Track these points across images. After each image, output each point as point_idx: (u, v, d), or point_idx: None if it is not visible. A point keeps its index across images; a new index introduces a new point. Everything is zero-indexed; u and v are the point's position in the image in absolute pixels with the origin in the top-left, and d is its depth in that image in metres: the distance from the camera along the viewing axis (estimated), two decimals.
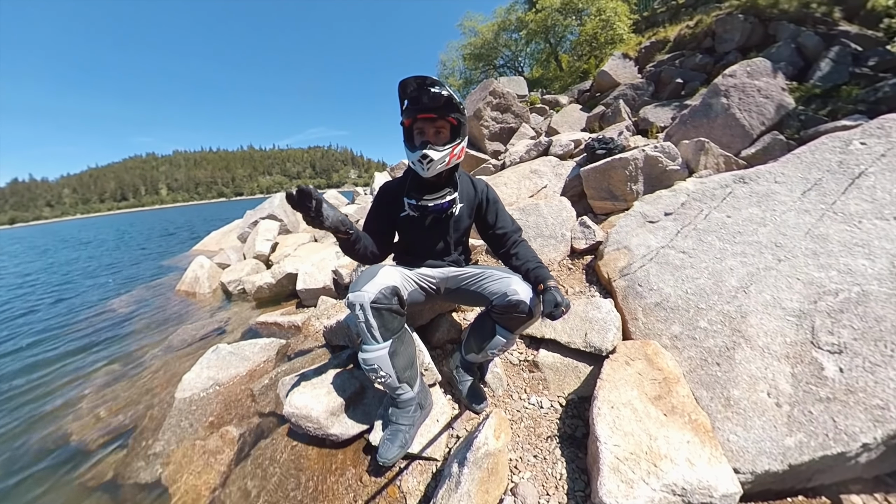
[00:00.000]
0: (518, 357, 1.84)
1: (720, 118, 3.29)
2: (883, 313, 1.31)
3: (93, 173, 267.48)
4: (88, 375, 2.71)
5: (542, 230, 2.56)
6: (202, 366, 2.26)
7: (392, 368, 1.30)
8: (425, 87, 1.25)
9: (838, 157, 1.86)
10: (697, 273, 1.76)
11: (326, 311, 2.89)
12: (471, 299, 1.58)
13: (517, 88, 7.79)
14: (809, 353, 1.33)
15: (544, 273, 1.34)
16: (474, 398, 1.58)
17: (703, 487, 1.02)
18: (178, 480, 1.59)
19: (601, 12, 9.55)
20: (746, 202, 1.95)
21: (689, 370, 1.48)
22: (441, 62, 17.84)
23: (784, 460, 1.16)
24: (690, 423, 1.22)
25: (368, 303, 1.23)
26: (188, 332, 3.20)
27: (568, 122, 5.70)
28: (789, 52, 4.54)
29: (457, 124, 1.36)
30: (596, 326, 1.70)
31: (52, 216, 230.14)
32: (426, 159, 1.29)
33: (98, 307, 4.54)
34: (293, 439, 1.63)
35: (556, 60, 12.81)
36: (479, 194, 1.55)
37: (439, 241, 1.54)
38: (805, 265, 1.56)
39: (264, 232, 5.21)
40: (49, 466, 1.82)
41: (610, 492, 1.03)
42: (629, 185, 2.78)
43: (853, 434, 1.14)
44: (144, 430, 1.98)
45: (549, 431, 1.47)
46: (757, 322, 1.48)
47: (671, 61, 6.33)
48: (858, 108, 3.17)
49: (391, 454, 1.32)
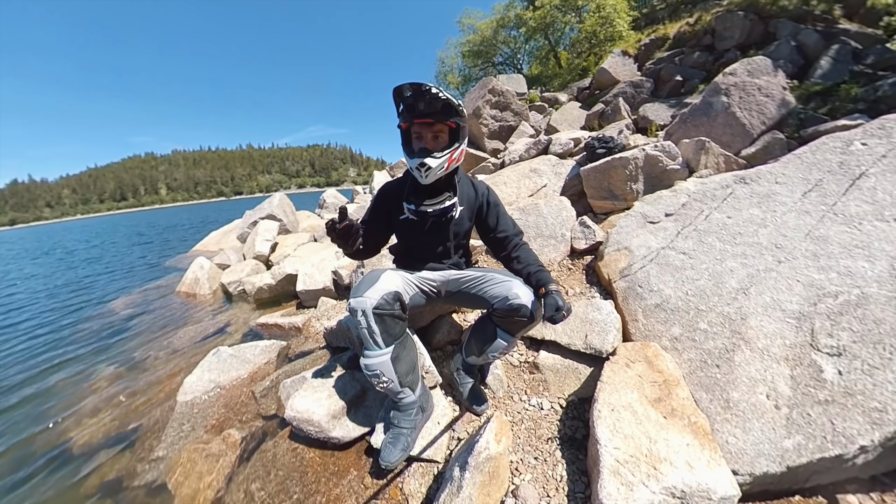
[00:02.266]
0: (518, 359, 1.84)
1: (720, 117, 3.28)
2: (882, 316, 1.32)
3: (92, 173, 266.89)
4: (90, 379, 2.72)
5: (541, 230, 2.56)
6: (203, 369, 2.27)
7: (394, 374, 1.30)
8: (421, 93, 1.23)
9: (839, 158, 1.85)
10: (698, 274, 1.76)
11: (327, 311, 2.90)
12: (472, 302, 1.58)
13: (516, 86, 7.77)
14: (809, 355, 1.34)
15: (545, 277, 1.34)
16: (475, 400, 1.59)
17: (702, 490, 1.03)
18: (181, 483, 1.60)
19: (600, 9, 9.49)
20: (747, 203, 1.95)
21: (689, 372, 1.48)
22: (440, 60, 17.77)
23: (782, 462, 1.17)
24: (690, 425, 1.22)
25: (371, 309, 1.23)
26: (189, 335, 3.21)
27: (567, 120, 5.68)
28: (789, 50, 4.52)
29: (455, 128, 1.33)
30: (596, 328, 1.71)
31: (52, 217, 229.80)
32: (424, 167, 1.28)
33: (99, 309, 4.54)
34: (295, 442, 1.63)
35: (556, 58, 12.75)
36: (480, 197, 1.53)
37: (439, 244, 1.53)
38: (805, 267, 1.56)
39: (264, 232, 5.21)
40: (52, 469, 1.83)
41: (610, 495, 1.04)
42: (629, 184, 2.78)
43: (851, 436, 1.14)
44: (147, 433, 1.99)
45: (550, 433, 1.47)
46: (757, 324, 1.48)
47: (671, 59, 6.30)
48: (858, 107, 3.16)
49: (393, 457, 1.33)
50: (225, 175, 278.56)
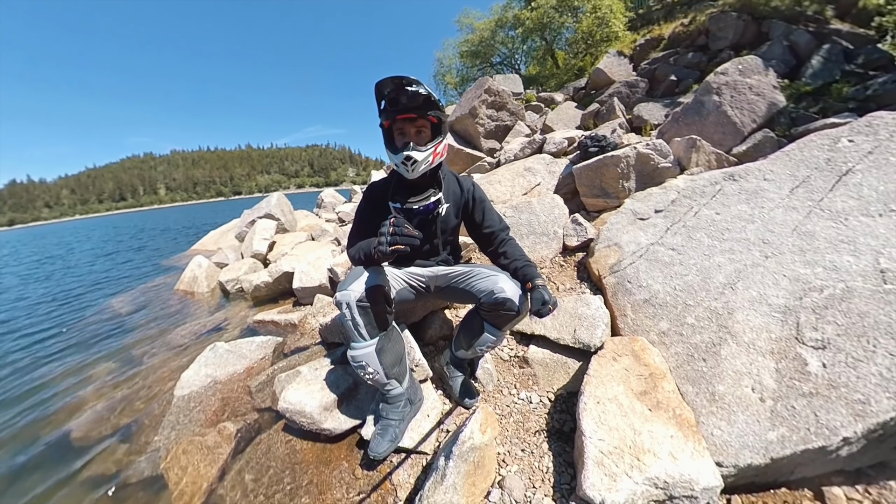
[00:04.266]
0: (508, 353, 1.86)
1: (712, 116, 3.30)
2: (866, 309, 1.33)
3: (91, 174, 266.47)
4: (89, 374, 2.73)
5: (534, 227, 2.58)
6: (200, 364, 2.28)
7: (380, 365, 1.32)
8: (403, 87, 1.23)
9: (826, 155, 1.87)
10: (686, 270, 1.78)
11: (322, 308, 2.91)
12: (460, 297, 1.59)
13: (512, 86, 7.80)
14: (794, 348, 1.35)
15: (532, 271, 1.35)
16: (465, 394, 1.61)
17: (684, 481, 1.04)
18: (177, 475, 1.61)
19: (597, 9, 9.53)
20: (735, 199, 1.97)
21: (676, 366, 1.50)
22: (437, 60, 17.80)
23: (766, 454, 1.18)
24: (675, 417, 1.24)
25: (354, 301, 1.25)
26: (187, 331, 3.23)
27: (563, 120, 5.71)
28: (781, 50, 4.56)
29: (437, 122, 1.34)
30: (585, 323, 1.73)
31: (50, 217, 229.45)
32: (410, 161, 1.29)
33: (98, 306, 4.56)
34: (288, 434, 1.65)
35: (553, 58, 12.79)
36: (466, 193, 1.54)
37: (427, 242, 1.54)
38: (791, 262, 1.58)
39: (261, 231, 5.21)
40: (50, 463, 1.84)
41: (594, 485, 1.05)
42: (621, 182, 2.80)
43: (834, 428, 1.16)
44: (144, 426, 2.00)
45: (538, 426, 1.49)
46: (743, 318, 1.50)
47: (665, 59, 6.33)
48: (849, 106, 3.19)
49: (382, 448, 1.35)
50: (224, 175, 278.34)
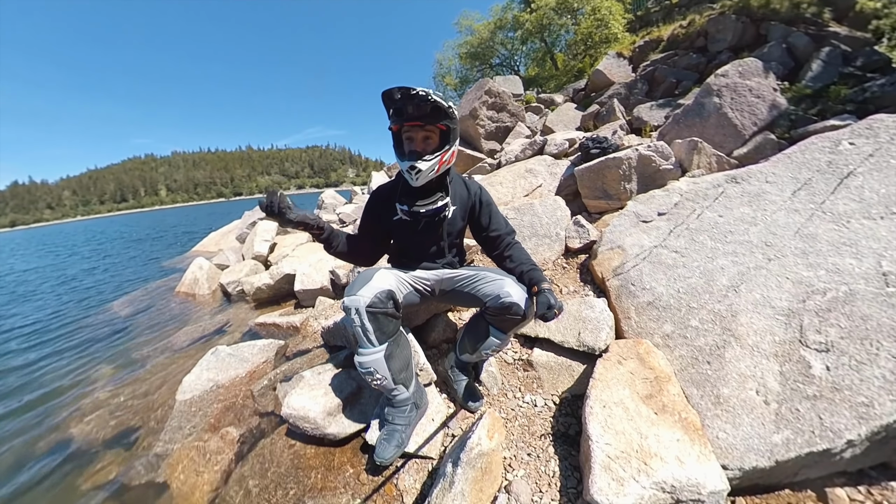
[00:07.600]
0: (513, 356, 1.86)
1: (713, 118, 3.31)
2: (869, 312, 1.34)
3: (92, 175, 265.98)
4: (90, 378, 2.72)
5: (536, 229, 2.59)
6: (202, 367, 2.27)
7: (388, 371, 1.32)
8: (410, 97, 1.22)
9: (827, 157, 1.88)
10: (689, 272, 1.78)
11: (324, 311, 2.90)
12: (465, 301, 1.59)
13: (512, 87, 7.81)
14: (797, 351, 1.36)
15: (538, 275, 1.36)
16: (469, 397, 1.61)
17: (691, 485, 1.05)
18: (180, 480, 1.61)
19: (596, 11, 9.58)
20: (738, 202, 1.97)
21: (681, 369, 1.50)
22: (437, 61, 17.85)
23: (771, 457, 1.18)
24: (680, 421, 1.24)
25: (364, 307, 1.25)
26: (188, 334, 3.22)
27: (563, 121, 5.72)
28: (780, 53, 4.58)
29: (446, 130, 1.33)
30: (589, 326, 1.73)
31: (52, 218, 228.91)
32: (414, 170, 1.29)
33: (99, 309, 4.55)
34: (292, 439, 1.64)
35: (552, 59, 12.83)
36: (473, 196, 1.54)
37: (433, 244, 1.55)
38: (794, 264, 1.59)
39: (262, 233, 5.21)
40: (52, 468, 1.83)
41: (601, 490, 1.05)
42: (623, 184, 2.80)
43: (838, 431, 1.16)
44: (146, 431, 1.99)
45: (543, 429, 1.49)
46: (747, 321, 1.50)
47: (665, 60, 6.35)
48: (847, 108, 3.21)
49: (388, 454, 1.34)
50: (224, 176, 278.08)
